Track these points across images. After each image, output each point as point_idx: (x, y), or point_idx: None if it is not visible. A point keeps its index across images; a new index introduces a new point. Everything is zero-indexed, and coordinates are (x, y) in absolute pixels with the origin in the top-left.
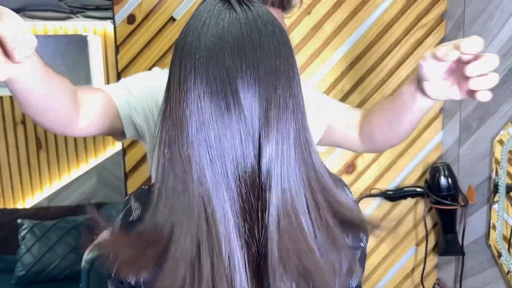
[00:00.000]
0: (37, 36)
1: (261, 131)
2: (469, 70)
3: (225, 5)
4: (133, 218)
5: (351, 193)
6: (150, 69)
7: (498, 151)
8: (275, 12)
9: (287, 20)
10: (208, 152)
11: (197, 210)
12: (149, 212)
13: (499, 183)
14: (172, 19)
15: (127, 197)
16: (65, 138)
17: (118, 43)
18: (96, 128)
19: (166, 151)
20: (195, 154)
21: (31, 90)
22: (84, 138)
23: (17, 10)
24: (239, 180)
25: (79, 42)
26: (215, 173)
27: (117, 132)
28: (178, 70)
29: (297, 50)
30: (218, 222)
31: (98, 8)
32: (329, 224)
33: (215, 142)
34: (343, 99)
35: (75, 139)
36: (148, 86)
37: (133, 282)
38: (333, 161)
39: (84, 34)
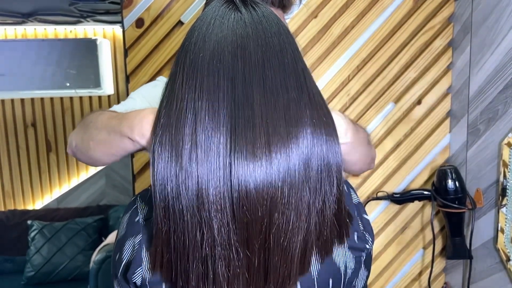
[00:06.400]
0: (48, 40)
1: (268, 128)
2: None
3: (230, 6)
4: (139, 219)
5: (357, 195)
6: (159, 71)
7: (506, 154)
8: (276, 12)
9: (293, 23)
10: (197, 152)
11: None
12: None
13: (508, 186)
14: (180, 22)
15: (133, 198)
16: None
17: (126, 47)
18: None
19: (158, 147)
20: (185, 153)
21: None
22: None
23: (29, 14)
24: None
25: (89, 46)
26: (206, 176)
27: None
28: (181, 68)
29: (304, 53)
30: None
31: (107, 12)
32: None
33: (205, 143)
34: (350, 102)
35: None
36: (154, 92)
37: (138, 282)
38: None
39: (93, 37)
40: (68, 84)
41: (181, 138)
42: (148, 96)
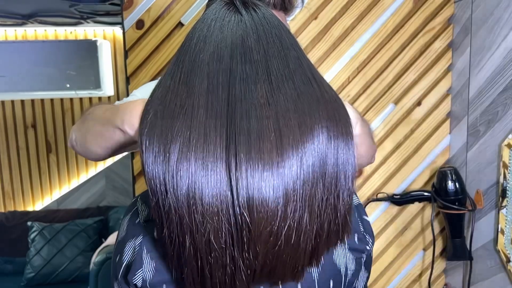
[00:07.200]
0: (48, 41)
1: (278, 121)
2: None
3: (231, 9)
4: (139, 220)
5: (357, 197)
6: (159, 73)
7: (506, 155)
8: (278, 14)
9: (294, 24)
10: (191, 150)
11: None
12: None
13: (508, 187)
14: (180, 24)
15: (133, 199)
16: None
17: (127, 48)
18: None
19: (146, 139)
20: (174, 150)
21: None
22: None
23: (29, 16)
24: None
25: (89, 47)
26: (201, 177)
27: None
28: (180, 67)
29: None
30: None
31: (108, 14)
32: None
33: (200, 141)
34: (350, 103)
35: None
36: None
37: (139, 284)
38: None
39: (94, 39)
40: (68, 85)
41: (172, 134)
42: (150, 94)
